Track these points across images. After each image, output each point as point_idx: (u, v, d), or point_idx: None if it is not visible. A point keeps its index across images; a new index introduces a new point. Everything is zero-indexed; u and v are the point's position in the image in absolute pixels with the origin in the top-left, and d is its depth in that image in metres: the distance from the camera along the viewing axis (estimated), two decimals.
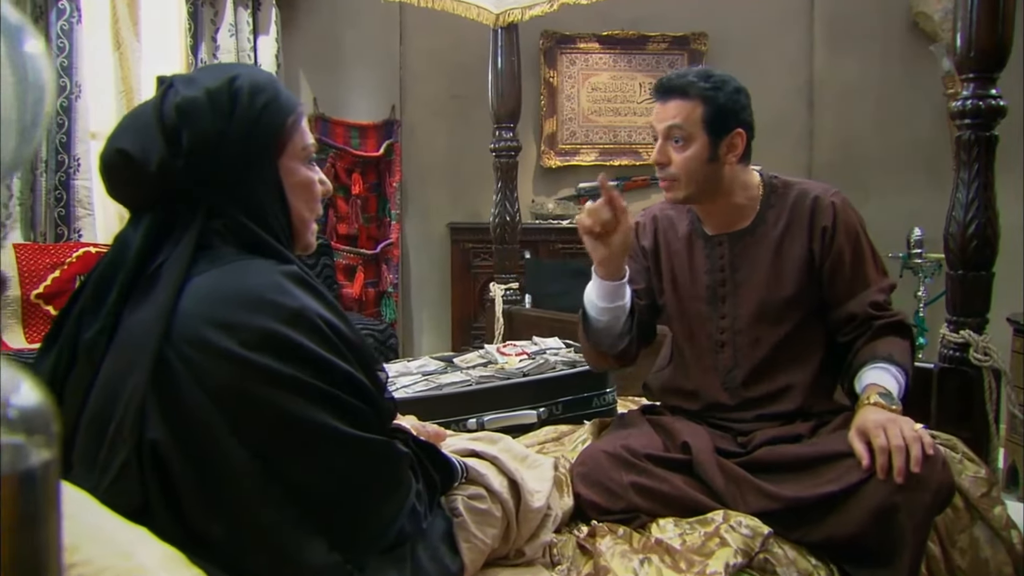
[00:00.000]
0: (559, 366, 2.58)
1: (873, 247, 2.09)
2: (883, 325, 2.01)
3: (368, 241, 5.34)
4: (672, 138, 2.01)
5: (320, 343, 1.19)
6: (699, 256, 2.15)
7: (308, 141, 1.37)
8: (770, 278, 2.07)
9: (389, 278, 5.33)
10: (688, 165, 2.00)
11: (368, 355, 1.29)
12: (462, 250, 5.32)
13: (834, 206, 2.05)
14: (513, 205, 3.80)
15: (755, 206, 2.10)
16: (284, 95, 1.33)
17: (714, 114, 1.98)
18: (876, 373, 1.92)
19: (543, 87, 5.57)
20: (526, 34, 4.54)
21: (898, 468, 1.69)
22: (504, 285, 3.79)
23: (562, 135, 5.61)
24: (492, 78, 3.70)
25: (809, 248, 2.05)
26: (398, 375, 2.59)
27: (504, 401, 2.43)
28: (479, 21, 3.64)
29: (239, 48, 4.66)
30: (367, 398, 1.26)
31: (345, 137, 5.22)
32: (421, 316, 5.65)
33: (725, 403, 2.10)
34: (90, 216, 4.21)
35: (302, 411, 1.17)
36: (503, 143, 3.75)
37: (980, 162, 2.20)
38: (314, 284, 1.26)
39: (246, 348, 1.14)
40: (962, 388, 2.26)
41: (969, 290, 2.26)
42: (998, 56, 2.19)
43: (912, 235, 4.51)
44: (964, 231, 2.22)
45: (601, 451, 1.97)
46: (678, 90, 2.00)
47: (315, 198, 1.39)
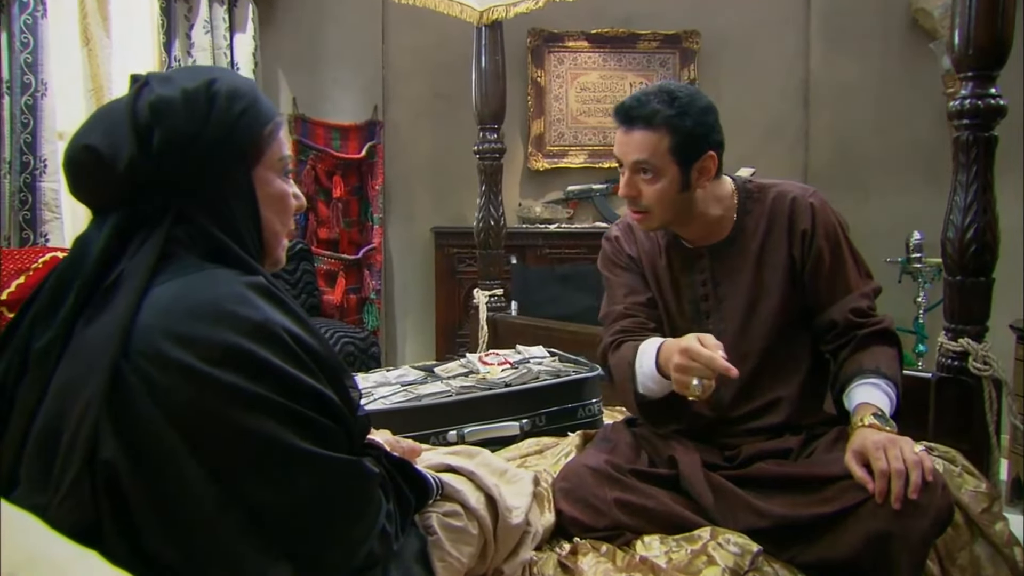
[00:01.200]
0: (542, 376, 2.56)
1: (855, 250, 2.07)
2: (867, 334, 1.99)
3: (350, 246, 5.31)
4: (640, 170, 1.98)
5: (285, 358, 1.17)
6: (678, 269, 2.13)
7: (285, 152, 1.35)
8: (753, 290, 2.05)
9: (371, 284, 5.30)
10: (660, 198, 1.98)
11: (338, 370, 1.27)
12: (447, 255, 5.30)
13: (812, 207, 2.03)
14: (498, 209, 3.79)
15: (732, 215, 2.08)
16: (263, 103, 1.31)
17: (682, 143, 1.94)
18: (866, 390, 1.90)
19: (530, 87, 5.56)
20: (513, 32, 4.53)
21: (896, 494, 1.66)
22: (488, 292, 3.78)
23: (550, 136, 5.60)
24: (476, 78, 3.69)
25: (790, 254, 2.04)
26: (376, 385, 2.56)
27: (485, 412, 2.41)
28: (462, 19, 3.62)
29: (215, 46, 4.62)
30: (335, 415, 1.23)
31: (326, 138, 5.20)
32: (404, 323, 5.63)
33: (710, 418, 2.08)
34: (58, 220, 4.17)
35: (265, 429, 1.14)
36: (487, 145, 3.74)
37: (979, 164, 2.18)
38: (280, 295, 1.23)
39: (206, 363, 1.11)
40: (961, 399, 2.25)
41: (968, 297, 2.24)
42: (997, 53, 2.17)
43: (911, 239, 4.51)
44: (962, 236, 2.20)
45: (584, 466, 1.94)
46: (641, 120, 1.95)
47: (289, 212, 1.37)
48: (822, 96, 5.58)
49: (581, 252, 5.07)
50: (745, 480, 1.89)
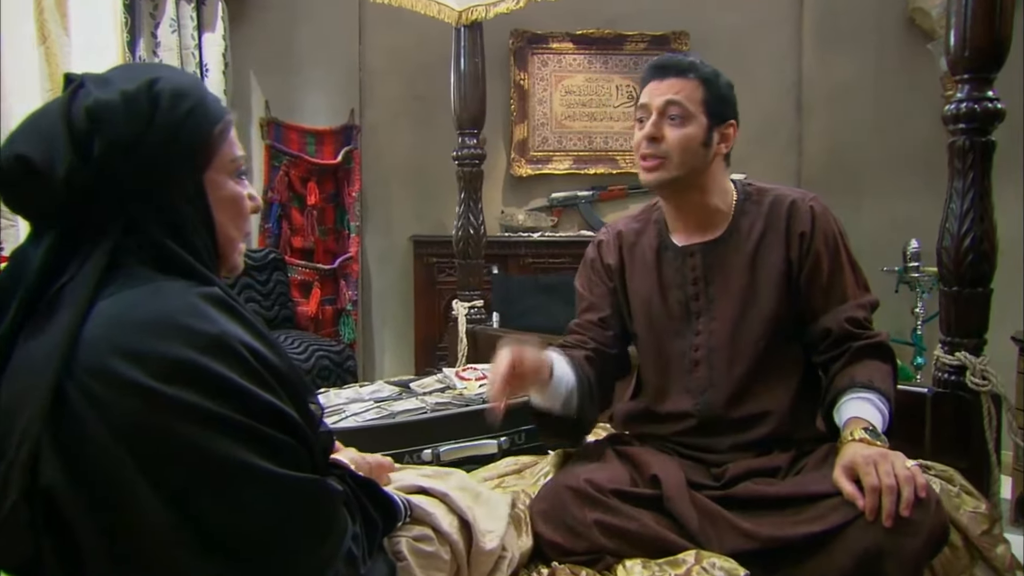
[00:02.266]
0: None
1: (854, 260, 2.08)
2: (861, 347, 1.99)
3: (325, 255, 5.29)
4: (668, 115, 2.02)
5: (242, 373, 1.14)
6: (669, 270, 2.14)
7: (237, 153, 1.32)
8: (746, 290, 2.05)
9: (348, 295, 5.28)
10: (683, 143, 2.01)
11: (298, 385, 1.25)
12: (426, 265, 5.28)
13: (812, 211, 2.05)
14: (478, 217, 3.78)
15: (729, 213, 2.11)
16: (210, 101, 1.28)
17: (714, 98, 2.02)
18: (857, 404, 1.89)
19: (513, 90, 5.54)
20: (494, 33, 4.52)
21: (887, 511, 1.65)
22: (468, 303, 3.76)
23: (533, 142, 5.58)
24: (454, 81, 3.68)
25: (786, 256, 2.04)
26: (349, 401, 2.54)
27: (462, 430, 2.41)
28: (441, 19, 3.61)
29: (182, 45, 4.58)
30: (296, 433, 1.21)
31: (300, 143, 5.17)
32: (382, 336, 5.60)
33: (697, 427, 2.07)
34: (13, 227, 4.11)
35: (221, 449, 1.11)
36: (466, 151, 3.73)
37: (976, 170, 2.17)
38: (237, 307, 1.21)
39: (156, 379, 1.08)
40: (958, 415, 2.23)
41: (965, 308, 2.23)
42: (995, 55, 2.16)
43: (908, 247, 4.50)
44: (959, 245, 2.19)
45: (563, 486, 1.92)
46: (677, 69, 2.03)
47: (244, 215, 1.35)
48: (816, 99, 5.59)
49: (565, 261, 5.05)
50: (731, 501, 1.88)
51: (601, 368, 2.16)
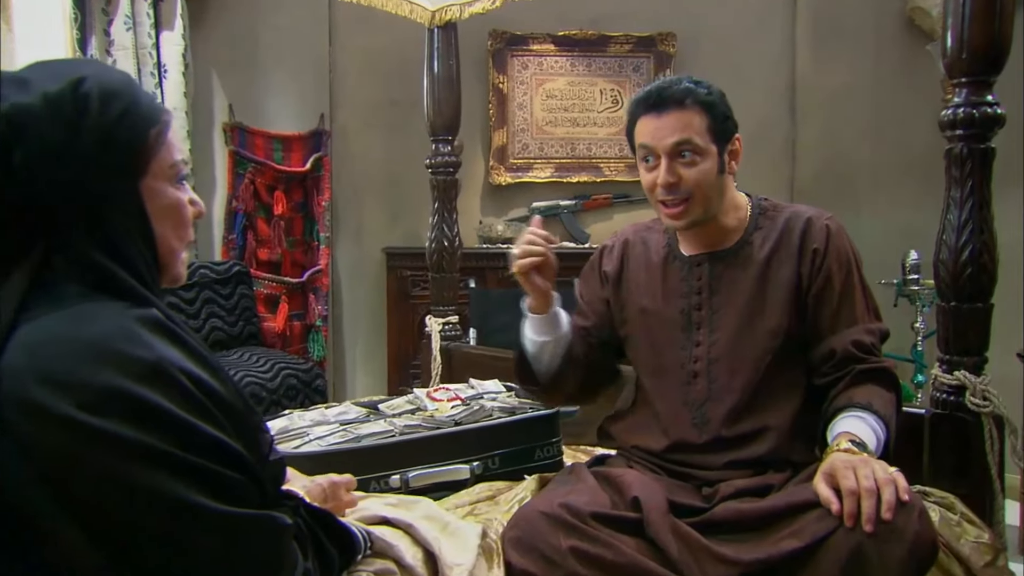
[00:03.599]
0: (496, 413, 2.52)
1: (866, 285, 2.10)
2: (864, 371, 2.00)
3: (293, 268, 5.27)
4: (679, 155, 2.02)
5: (181, 402, 1.11)
6: (674, 278, 2.18)
7: (176, 157, 1.29)
8: (752, 303, 2.08)
9: (317, 310, 5.26)
10: (702, 181, 2.04)
11: (244, 412, 1.22)
12: (400, 278, 5.27)
13: (828, 228, 2.09)
14: (452, 228, 3.77)
15: (741, 228, 2.15)
16: (145, 102, 1.25)
17: (717, 122, 2.04)
18: (851, 422, 1.90)
19: (491, 94, 5.54)
20: (472, 34, 4.51)
21: (867, 514, 1.65)
22: (442, 319, 3.74)
23: (513, 148, 5.58)
24: (428, 85, 3.67)
25: (798, 271, 2.07)
26: (313, 424, 2.51)
27: (432, 454, 2.37)
28: (413, 19, 3.59)
29: (138, 44, 4.54)
30: (240, 465, 1.18)
31: (266, 150, 5.16)
32: (354, 353, 5.59)
33: (693, 442, 2.08)
34: None
35: (157, 486, 1.08)
36: (440, 158, 3.72)
37: (974, 178, 2.16)
38: (177, 330, 1.17)
39: (86, 411, 1.05)
40: (958, 438, 2.22)
41: (964, 325, 2.22)
42: (994, 57, 2.16)
43: (908, 259, 4.50)
44: (957, 257, 2.18)
45: (537, 511, 1.90)
46: (674, 100, 2.03)
47: (185, 223, 1.31)
48: (810, 103, 5.60)
49: None
50: (713, 524, 1.87)
51: (588, 362, 2.23)
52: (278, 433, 2.39)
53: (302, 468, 1.92)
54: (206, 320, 4.56)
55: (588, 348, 2.25)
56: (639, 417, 2.22)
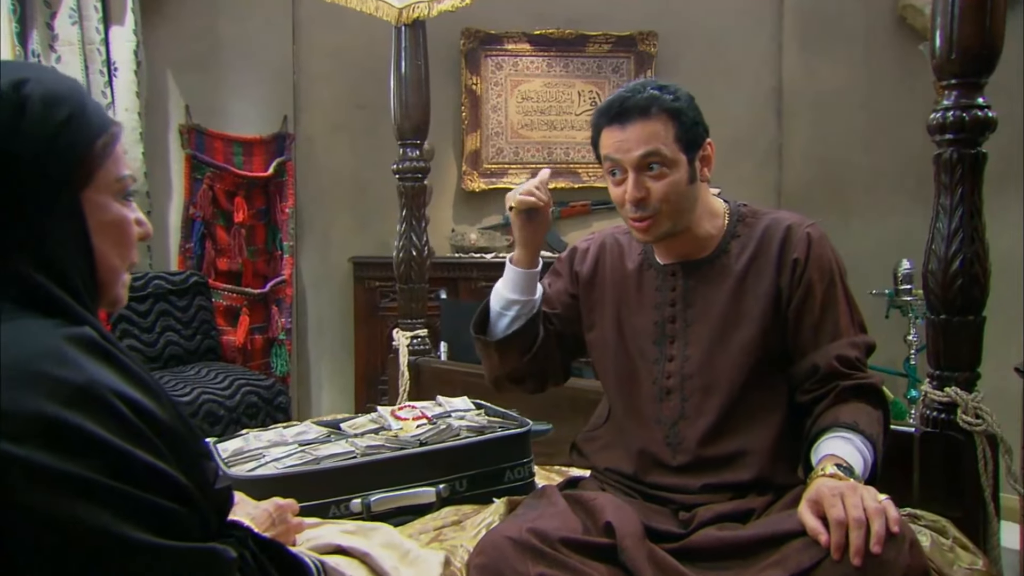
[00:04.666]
0: (464, 433, 2.50)
1: (851, 296, 2.07)
2: (850, 387, 1.97)
3: (255, 278, 5.26)
4: (647, 167, 1.99)
5: (114, 428, 1.08)
6: (648, 288, 2.16)
7: (123, 171, 1.26)
8: (728, 316, 2.05)
9: (280, 323, 5.25)
10: (671, 193, 2.00)
11: (185, 437, 1.19)
12: (368, 289, 5.27)
13: (809, 237, 2.05)
14: (421, 237, 3.75)
15: (718, 236, 2.12)
16: (92, 109, 1.22)
17: (686, 129, 2.00)
18: (836, 443, 1.87)
19: (464, 96, 5.54)
20: (443, 33, 4.51)
21: (856, 547, 1.61)
22: (410, 332, 3.71)
23: (487, 153, 5.58)
24: (395, 86, 3.65)
25: (776, 283, 2.04)
26: (270, 445, 2.48)
27: (396, 476, 2.35)
28: (379, 16, 3.57)
29: (85, 39, 4.47)
30: (180, 495, 1.15)
31: (226, 154, 5.14)
32: (319, 368, 5.57)
33: (667, 463, 2.06)
34: None
35: (88, 520, 1.05)
36: (408, 163, 3.70)
37: (964, 185, 2.15)
38: (112, 351, 1.14)
39: (8, 439, 1.02)
40: (949, 458, 2.21)
41: (955, 339, 2.21)
42: (985, 57, 2.15)
43: (900, 268, 4.51)
44: (946, 268, 2.17)
45: (504, 536, 1.87)
46: (639, 110, 1.99)
47: (129, 242, 1.28)
48: (797, 106, 5.62)
49: None
50: (692, 551, 1.84)
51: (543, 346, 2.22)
52: (232, 455, 2.36)
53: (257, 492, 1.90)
54: (161, 334, 4.53)
55: (546, 334, 2.23)
56: (611, 435, 2.19)
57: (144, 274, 4.54)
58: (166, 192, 4.99)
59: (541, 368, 2.26)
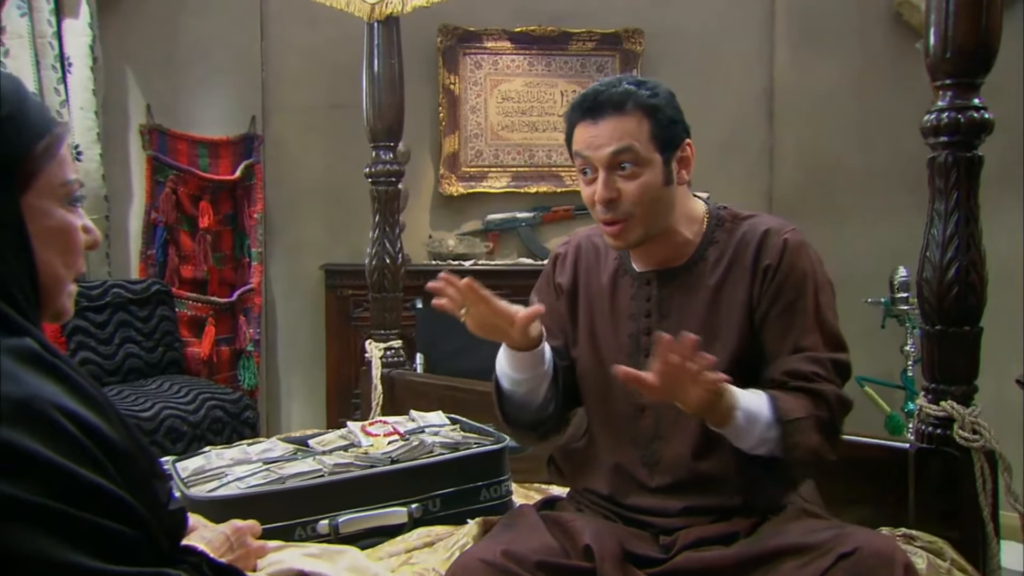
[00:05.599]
0: (437, 449, 2.50)
1: (825, 310, 1.99)
2: (795, 388, 1.91)
3: (221, 287, 5.24)
4: (618, 166, 1.96)
5: (56, 446, 1.07)
6: (623, 298, 2.13)
7: (69, 176, 1.24)
8: (704, 329, 1.99)
9: (248, 333, 5.23)
10: (645, 196, 1.97)
11: (134, 455, 1.17)
12: (340, 298, 5.24)
13: (785, 243, 2.00)
14: (395, 243, 3.75)
15: (695, 241, 2.08)
16: (33, 110, 1.21)
17: (662, 127, 1.97)
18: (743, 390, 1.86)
19: (442, 96, 5.53)
20: (420, 30, 4.51)
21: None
22: (383, 343, 3.70)
23: (466, 155, 5.56)
24: (367, 85, 3.64)
25: (750, 292, 2.00)
26: (233, 463, 2.47)
27: (366, 496, 2.35)
28: (350, 12, 3.57)
29: (36, 32, 4.42)
30: (129, 517, 1.13)
31: (190, 156, 5.12)
32: (290, 381, 5.55)
33: (645, 484, 2.04)
34: None
35: (26, 545, 1.03)
36: (381, 166, 3.70)
37: (960, 190, 2.15)
38: (57, 363, 1.13)
39: None
40: (946, 475, 2.21)
41: (951, 350, 2.21)
42: (981, 57, 2.15)
43: (896, 276, 4.52)
44: (941, 276, 2.17)
45: (477, 559, 1.86)
46: (612, 104, 1.96)
47: (75, 250, 1.27)
48: (789, 106, 5.62)
49: (503, 293, 4.91)
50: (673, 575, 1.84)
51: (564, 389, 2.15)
52: (193, 474, 2.35)
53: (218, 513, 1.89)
54: (120, 346, 4.50)
55: (563, 369, 2.15)
56: (588, 454, 2.17)
57: (102, 282, 4.51)
58: (126, 196, 4.97)
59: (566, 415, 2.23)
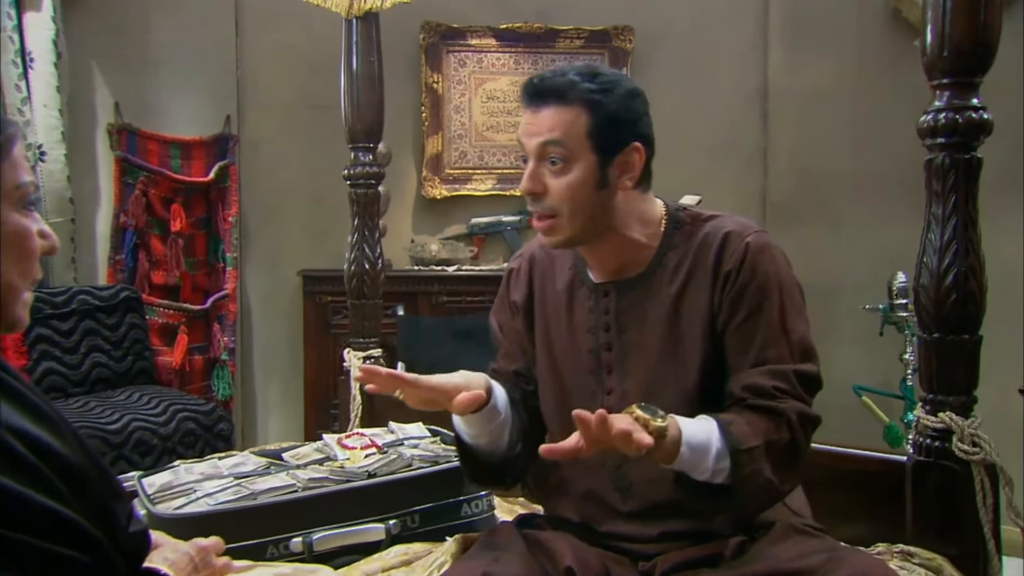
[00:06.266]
0: (416, 463, 2.49)
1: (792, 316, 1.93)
2: (753, 406, 1.85)
3: (194, 293, 5.23)
4: (547, 158, 1.90)
5: (7, 469, 1.05)
6: (581, 310, 2.06)
7: (22, 178, 1.23)
8: (666, 343, 1.96)
9: (223, 341, 5.22)
10: (571, 194, 1.90)
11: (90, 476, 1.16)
12: (319, 305, 5.22)
13: (747, 247, 1.93)
14: (375, 248, 3.73)
15: (653, 247, 2.01)
16: None
17: (603, 125, 1.89)
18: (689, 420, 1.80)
19: (424, 95, 5.53)
20: (401, 27, 4.50)
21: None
22: (362, 352, 3.68)
23: (450, 157, 5.56)
24: (345, 84, 3.62)
25: (711, 300, 1.94)
26: (203, 478, 2.46)
27: (341, 512, 2.32)
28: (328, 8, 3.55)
29: None
30: (83, 541, 1.12)
31: (161, 156, 5.11)
32: (267, 392, 5.54)
33: (617, 509, 1.99)
34: None
35: None
36: (360, 168, 3.68)
37: (958, 193, 2.14)
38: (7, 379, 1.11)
39: None
40: (944, 489, 2.19)
41: (949, 359, 2.20)
42: (980, 55, 2.14)
43: (895, 282, 4.51)
44: (939, 283, 2.15)
45: None
46: (554, 92, 1.89)
47: (31, 256, 1.26)
48: (784, 106, 5.63)
49: (487, 300, 4.93)
50: None
51: (531, 418, 2.09)
52: (159, 491, 2.33)
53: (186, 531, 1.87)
54: (87, 355, 4.49)
55: (527, 394, 2.11)
56: (558, 478, 2.10)
57: (68, 289, 4.50)
58: (93, 198, 4.97)
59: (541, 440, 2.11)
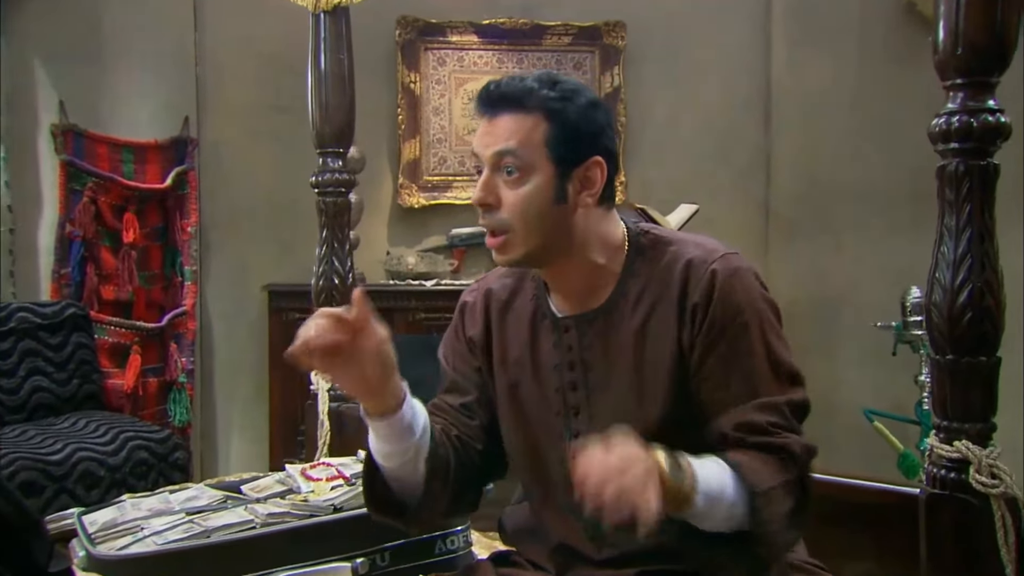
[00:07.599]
0: None
1: (774, 342, 1.91)
2: (754, 444, 1.82)
3: (149, 310, 5.23)
4: (502, 168, 1.87)
5: None
6: (544, 345, 2.02)
7: None
8: (632, 384, 1.92)
9: (180, 363, 5.21)
10: (526, 207, 1.86)
11: (8, 513, 1.14)
12: (285, 322, 5.19)
13: (713, 275, 1.88)
14: (345, 261, 3.73)
15: (616, 271, 1.98)
16: None
17: (562, 135, 1.86)
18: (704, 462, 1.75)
19: (401, 96, 5.55)
20: (376, 22, 4.52)
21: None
22: None
23: (428, 163, 5.58)
24: (313, 84, 3.60)
25: (678, 337, 1.90)
26: (152, 515, 2.44)
27: (304, 550, 2.33)
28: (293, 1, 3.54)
29: None
30: None
31: (112, 161, 5.10)
32: (229, 416, 5.55)
33: (590, 557, 1.96)
34: None
35: None
36: (329, 175, 3.65)
37: (973, 202, 2.12)
38: None
39: None
40: (961, 525, 2.16)
41: (964, 383, 2.17)
42: (997, 53, 2.12)
43: (908, 297, 4.51)
44: (953, 300, 2.13)
45: None
46: (511, 100, 1.87)
47: None
48: (787, 108, 5.65)
49: None
50: None
51: (464, 459, 2.01)
52: (102, 529, 2.31)
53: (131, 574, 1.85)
54: (26, 378, 4.46)
55: (470, 431, 2.05)
56: (531, 524, 2.08)
57: (6, 305, 4.49)
58: (35, 206, 4.97)
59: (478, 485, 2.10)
